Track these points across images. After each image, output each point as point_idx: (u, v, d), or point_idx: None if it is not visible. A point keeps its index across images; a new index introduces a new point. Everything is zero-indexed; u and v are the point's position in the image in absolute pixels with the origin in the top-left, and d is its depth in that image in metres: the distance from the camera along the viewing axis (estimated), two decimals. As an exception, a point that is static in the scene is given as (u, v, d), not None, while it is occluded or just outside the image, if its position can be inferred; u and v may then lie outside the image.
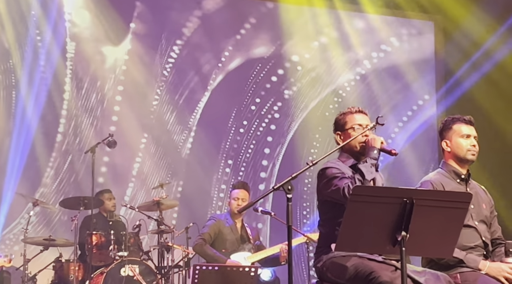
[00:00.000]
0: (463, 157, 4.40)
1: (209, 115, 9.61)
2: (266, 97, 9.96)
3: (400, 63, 10.45)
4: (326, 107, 10.16)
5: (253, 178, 9.73)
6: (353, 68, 10.35)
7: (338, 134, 4.35)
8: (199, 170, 9.49)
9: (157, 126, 9.44)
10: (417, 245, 3.52)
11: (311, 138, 10.03)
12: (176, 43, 9.57)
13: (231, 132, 9.76)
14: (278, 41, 10.03)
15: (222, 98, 9.67)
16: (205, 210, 9.40)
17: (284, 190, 3.75)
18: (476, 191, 4.44)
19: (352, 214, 3.47)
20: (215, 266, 6.41)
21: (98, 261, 7.50)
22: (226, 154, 9.70)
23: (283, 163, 9.84)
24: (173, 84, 9.57)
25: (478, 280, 4.06)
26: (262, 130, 9.91)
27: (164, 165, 9.41)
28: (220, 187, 9.62)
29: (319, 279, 4.16)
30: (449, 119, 4.52)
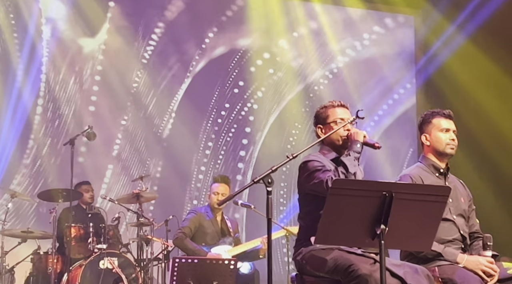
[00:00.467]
0: (442, 151, 4.43)
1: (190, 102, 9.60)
2: (243, 91, 9.94)
3: (378, 56, 10.47)
4: (304, 98, 10.17)
5: (232, 165, 9.75)
6: (331, 60, 10.36)
7: (320, 127, 4.35)
8: (178, 153, 9.46)
9: (136, 110, 9.38)
10: (396, 239, 3.54)
11: (288, 131, 10.04)
12: (155, 30, 9.53)
13: (210, 119, 9.75)
14: (257, 32, 10.01)
15: (202, 86, 9.67)
16: (184, 194, 9.41)
17: (264, 183, 3.74)
18: (455, 185, 4.47)
19: (332, 207, 3.48)
20: (195, 259, 6.41)
21: (77, 254, 7.46)
22: (206, 138, 9.68)
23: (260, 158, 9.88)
24: (154, 69, 9.54)
25: (456, 273, 4.09)
26: (239, 125, 9.90)
27: (143, 148, 9.37)
28: (200, 169, 9.62)
29: (298, 272, 4.16)
30: (429, 113, 4.54)
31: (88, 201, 8.21)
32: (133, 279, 7.31)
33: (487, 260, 4.18)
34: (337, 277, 3.88)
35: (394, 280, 3.76)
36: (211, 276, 6.31)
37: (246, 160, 9.86)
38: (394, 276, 3.77)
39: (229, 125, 9.83)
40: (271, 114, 10.04)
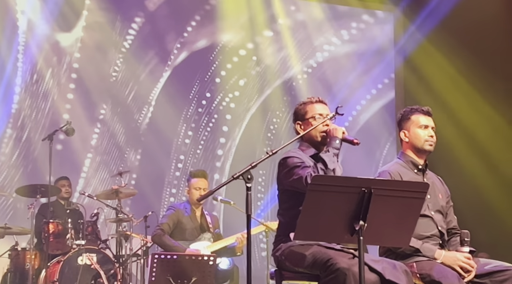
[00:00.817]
0: (421, 147, 4.45)
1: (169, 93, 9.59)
2: (220, 86, 9.93)
3: (356, 52, 10.50)
4: (283, 93, 10.17)
5: (211, 159, 9.75)
6: (310, 55, 10.37)
7: (298, 123, 4.36)
8: (156, 148, 9.46)
9: (113, 103, 9.36)
10: (375, 235, 3.56)
11: (266, 126, 10.05)
12: (135, 21, 9.50)
13: (188, 115, 9.74)
14: (236, 26, 9.99)
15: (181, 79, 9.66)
16: (162, 184, 9.40)
17: (244, 179, 3.75)
18: (433, 181, 4.50)
19: (311, 203, 3.49)
20: (174, 255, 6.40)
21: (55, 250, 7.42)
22: (183, 135, 9.67)
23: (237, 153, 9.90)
24: (133, 61, 9.50)
25: (434, 269, 4.11)
26: (215, 122, 9.91)
27: (121, 142, 9.34)
28: (177, 166, 9.58)
29: (277, 267, 4.18)
30: (408, 109, 4.56)
31: (64, 196, 8.16)
32: (111, 275, 7.28)
33: (465, 256, 4.21)
34: (316, 272, 3.90)
35: (373, 275, 3.78)
36: (190, 272, 6.31)
37: (223, 156, 9.86)
38: (373, 271, 3.79)
39: (205, 123, 9.81)
40: (249, 110, 10.03)
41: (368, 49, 10.56)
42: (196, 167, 9.29)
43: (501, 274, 4.18)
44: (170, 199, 9.50)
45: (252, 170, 3.77)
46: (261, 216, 9.05)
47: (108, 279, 7.19)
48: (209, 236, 7.26)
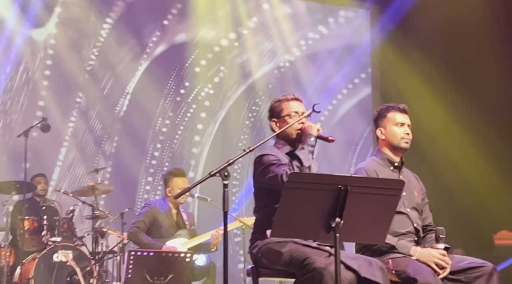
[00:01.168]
0: (397, 145, 4.48)
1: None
2: (195, 82, 9.90)
3: (334, 47, 10.52)
4: (258, 88, 10.17)
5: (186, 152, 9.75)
6: (284, 53, 10.38)
7: (274, 121, 4.36)
8: (130, 147, 9.44)
9: (91, 92, 9.31)
10: (351, 232, 3.57)
11: (241, 122, 10.05)
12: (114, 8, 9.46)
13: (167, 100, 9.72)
14: (210, 22, 9.97)
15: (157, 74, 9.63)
16: (135, 187, 9.37)
17: (221, 176, 3.75)
18: (409, 179, 4.52)
19: (288, 200, 3.50)
20: (150, 252, 6.39)
21: (30, 247, 7.39)
22: (158, 131, 9.65)
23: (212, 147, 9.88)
24: (109, 52, 9.46)
25: (409, 265, 4.14)
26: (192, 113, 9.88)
27: (98, 127, 9.30)
28: (151, 162, 9.56)
29: (254, 264, 4.18)
30: (384, 107, 4.58)
31: (40, 193, 8.11)
32: (87, 272, 7.26)
33: (440, 253, 4.24)
34: (293, 270, 3.91)
35: (349, 273, 3.80)
36: (167, 269, 6.30)
37: (198, 153, 9.85)
38: (349, 269, 3.81)
39: (181, 117, 9.79)
40: (224, 105, 10.02)
41: (345, 45, 10.58)
42: (172, 162, 9.29)
43: (475, 270, 4.21)
44: (144, 196, 9.46)
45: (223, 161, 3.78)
46: (235, 212, 9.05)
47: (84, 276, 7.16)
48: (185, 233, 7.26)
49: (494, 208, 8.87)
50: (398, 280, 4.13)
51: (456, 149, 9.24)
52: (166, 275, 6.26)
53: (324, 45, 10.53)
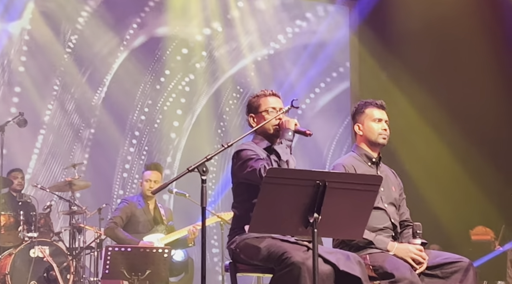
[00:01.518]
0: (374, 140, 4.49)
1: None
2: (175, 72, 9.86)
3: (309, 43, 10.52)
4: (235, 84, 10.17)
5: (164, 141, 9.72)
6: (263, 46, 10.35)
7: (252, 116, 4.36)
8: (105, 142, 9.41)
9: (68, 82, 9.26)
10: (329, 227, 3.58)
11: (219, 115, 10.04)
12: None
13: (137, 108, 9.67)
14: (187, 16, 9.93)
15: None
16: (111, 182, 9.33)
17: (199, 172, 3.74)
18: (386, 174, 4.54)
19: (266, 195, 3.50)
20: (128, 248, 6.37)
21: (7, 242, 7.34)
22: (132, 128, 9.61)
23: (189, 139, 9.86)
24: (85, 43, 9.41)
25: (386, 260, 4.16)
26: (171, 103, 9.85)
27: (69, 136, 9.24)
28: (126, 158, 9.52)
29: (232, 260, 4.18)
30: (362, 103, 4.60)
31: (17, 188, 8.05)
32: (64, 268, 7.23)
33: (417, 248, 4.27)
34: (271, 265, 3.91)
35: (327, 266, 3.80)
36: (145, 264, 6.29)
37: (174, 146, 9.82)
38: (327, 262, 3.82)
39: (155, 115, 9.77)
40: (201, 99, 9.99)
41: (322, 39, 10.57)
42: (149, 157, 9.27)
43: (451, 265, 4.24)
44: (119, 192, 9.42)
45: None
46: (211, 207, 9.04)
47: (61, 271, 7.13)
48: (163, 229, 7.25)
49: (469, 204, 8.94)
50: (375, 275, 4.15)
51: (430, 147, 9.30)
52: (143, 271, 6.25)
53: (301, 39, 10.52)
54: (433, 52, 9.44)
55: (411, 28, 9.51)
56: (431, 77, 9.37)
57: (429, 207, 8.67)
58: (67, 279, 7.20)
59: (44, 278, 7.17)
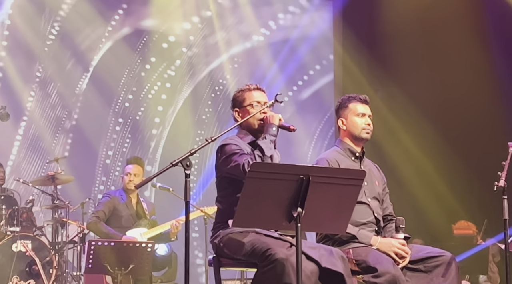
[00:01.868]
0: (358, 135, 4.51)
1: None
2: (157, 64, 9.82)
3: (294, 35, 10.50)
4: (217, 77, 10.15)
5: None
6: (246, 39, 10.33)
7: (236, 111, 4.36)
8: (87, 136, 9.36)
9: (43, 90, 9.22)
10: (312, 221, 3.58)
11: (200, 110, 10.03)
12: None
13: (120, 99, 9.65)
14: (168, 8, 9.89)
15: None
16: (92, 177, 9.32)
17: (183, 166, 3.73)
18: (370, 169, 4.56)
19: (250, 190, 3.50)
20: (111, 242, 6.36)
21: (-11, 237, 7.29)
22: (114, 121, 9.59)
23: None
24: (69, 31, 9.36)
25: (370, 255, 4.17)
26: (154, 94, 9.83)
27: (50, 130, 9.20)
28: (107, 153, 9.50)
29: (215, 254, 4.18)
30: (345, 98, 4.61)
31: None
32: (47, 262, 7.20)
33: (400, 242, 4.28)
34: (254, 260, 3.91)
35: (311, 263, 3.81)
36: (128, 259, 6.28)
37: (156, 140, 9.79)
38: (310, 260, 3.83)
39: (137, 107, 9.73)
40: (182, 92, 9.97)
41: (306, 33, 10.56)
42: (132, 150, 9.26)
43: (434, 259, 4.27)
44: (100, 187, 9.39)
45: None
46: (194, 201, 9.04)
47: (44, 266, 7.10)
48: (145, 223, 7.24)
49: (452, 199, 8.99)
50: (358, 270, 4.17)
51: (413, 141, 9.33)
52: (127, 265, 6.25)
53: (284, 33, 10.49)
54: (417, 45, 9.46)
55: (395, 20, 9.52)
56: (415, 70, 9.39)
57: (412, 202, 8.71)
58: (49, 274, 7.18)
59: (26, 272, 7.14)
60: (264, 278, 3.81)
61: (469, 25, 9.04)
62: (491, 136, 8.77)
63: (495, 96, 8.96)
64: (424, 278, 4.24)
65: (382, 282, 4.02)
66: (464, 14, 9.09)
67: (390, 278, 4.02)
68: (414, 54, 9.44)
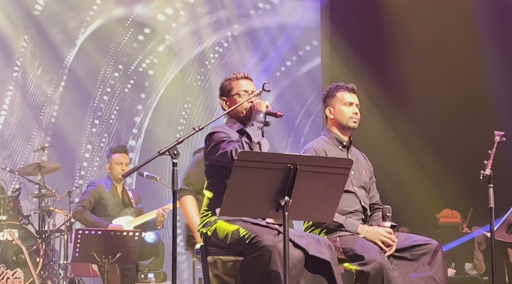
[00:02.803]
0: (345, 124, 4.52)
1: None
2: (135, 54, 9.78)
3: (281, 20, 10.43)
4: (200, 64, 10.11)
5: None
6: (229, 25, 10.27)
7: (224, 99, 4.36)
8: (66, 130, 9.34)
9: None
10: (300, 210, 3.60)
11: (184, 95, 10.02)
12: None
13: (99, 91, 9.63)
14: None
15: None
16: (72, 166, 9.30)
17: (170, 155, 3.74)
18: (357, 158, 4.58)
19: (237, 179, 3.51)
20: (98, 231, 6.35)
21: (-25, 225, 7.27)
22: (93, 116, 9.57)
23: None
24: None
25: (356, 243, 4.20)
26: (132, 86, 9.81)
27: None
28: (87, 147, 9.49)
29: (203, 243, 4.19)
30: (333, 86, 4.62)
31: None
32: (34, 251, 7.19)
33: (386, 231, 4.31)
34: (241, 248, 3.92)
35: (297, 251, 3.83)
36: (115, 247, 6.28)
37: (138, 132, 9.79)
38: (297, 247, 3.84)
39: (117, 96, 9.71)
40: (160, 85, 9.95)
41: (293, 17, 10.50)
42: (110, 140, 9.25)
43: (420, 248, 4.30)
44: (81, 173, 9.37)
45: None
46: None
47: (30, 255, 7.09)
48: (131, 211, 7.24)
49: (438, 187, 9.03)
50: (345, 258, 4.19)
51: (398, 130, 9.35)
52: (114, 254, 6.24)
53: (269, 19, 10.43)
54: (408, 33, 9.43)
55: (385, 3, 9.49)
56: (401, 58, 9.39)
57: (398, 190, 8.72)
58: (36, 262, 7.17)
59: (13, 261, 7.12)
60: (251, 265, 3.82)
61: (456, 10, 9.07)
62: (477, 124, 8.81)
63: (481, 84, 8.99)
64: (410, 266, 4.27)
65: (368, 270, 4.05)
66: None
67: (377, 266, 4.04)
68: (403, 41, 9.42)
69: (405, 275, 4.23)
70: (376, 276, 4.03)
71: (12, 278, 7.02)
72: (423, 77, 9.30)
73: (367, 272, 4.04)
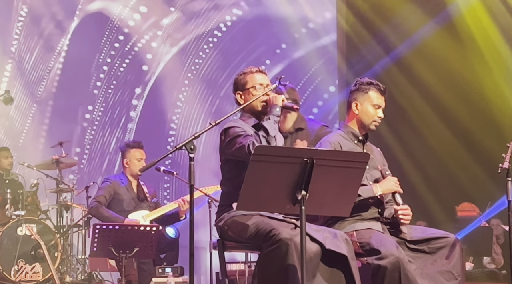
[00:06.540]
0: (366, 124, 4.49)
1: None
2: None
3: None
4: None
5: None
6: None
7: (239, 93, 4.36)
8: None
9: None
10: (316, 204, 3.60)
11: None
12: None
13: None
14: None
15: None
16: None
17: (187, 150, 3.75)
18: (372, 152, 4.56)
19: (254, 173, 3.51)
20: (116, 226, 6.37)
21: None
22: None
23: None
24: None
25: (373, 237, 4.19)
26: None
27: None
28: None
29: (220, 237, 4.20)
30: (366, 82, 4.54)
31: (7, 167, 8.03)
32: (52, 246, 7.24)
33: (394, 181, 4.35)
34: (258, 242, 3.92)
35: (314, 245, 3.83)
36: (133, 242, 6.29)
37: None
38: (314, 241, 3.84)
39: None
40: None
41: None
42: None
43: (438, 241, 4.29)
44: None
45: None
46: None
47: (49, 249, 7.13)
48: (147, 206, 7.25)
49: (455, 181, 8.98)
50: (362, 252, 4.19)
51: (414, 123, 9.31)
52: (131, 249, 6.24)
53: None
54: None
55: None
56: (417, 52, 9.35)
57: (413, 185, 8.71)
58: (54, 257, 7.21)
59: (31, 256, 7.17)
60: (268, 258, 3.83)
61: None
62: (495, 117, 8.75)
63: (499, 76, 8.93)
64: (428, 259, 4.27)
65: (385, 264, 4.04)
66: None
67: (394, 260, 4.04)
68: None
69: (422, 268, 4.22)
70: (393, 270, 4.03)
71: (31, 273, 7.08)
72: (435, 68, 9.23)
73: (384, 266, 4.04)
